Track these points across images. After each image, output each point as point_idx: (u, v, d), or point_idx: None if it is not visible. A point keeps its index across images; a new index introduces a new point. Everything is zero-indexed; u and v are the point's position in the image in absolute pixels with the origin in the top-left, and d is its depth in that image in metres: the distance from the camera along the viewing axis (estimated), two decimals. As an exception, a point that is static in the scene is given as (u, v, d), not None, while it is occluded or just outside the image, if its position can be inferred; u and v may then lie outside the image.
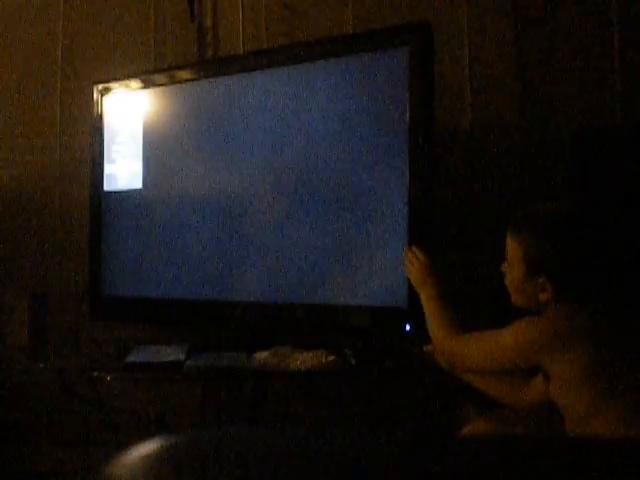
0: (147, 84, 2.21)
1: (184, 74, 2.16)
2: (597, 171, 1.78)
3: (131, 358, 2.00)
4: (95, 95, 2.30)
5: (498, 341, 1.35)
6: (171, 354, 1.99)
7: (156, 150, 2.19)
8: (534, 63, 2.09)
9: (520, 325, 1.33)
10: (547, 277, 1.32)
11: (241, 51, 2.37)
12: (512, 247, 1.39)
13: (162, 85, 2.19)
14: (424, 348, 1.63)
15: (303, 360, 1.82)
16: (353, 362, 1.82)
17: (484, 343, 1.39)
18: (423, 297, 1.58)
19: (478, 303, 1.65)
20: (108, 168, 2.27)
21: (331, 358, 1.82)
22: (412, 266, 1.63)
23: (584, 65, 2.04)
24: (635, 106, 2.00)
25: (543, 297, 1.34)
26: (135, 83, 2.23)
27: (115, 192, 2.25)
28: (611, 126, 2.00)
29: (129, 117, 2.23)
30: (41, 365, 2.20)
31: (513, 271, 1.40)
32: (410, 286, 1.65)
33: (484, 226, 2.02)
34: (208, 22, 2.44)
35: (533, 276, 1.34)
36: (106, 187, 2.27)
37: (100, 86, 2.29)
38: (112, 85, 2.27)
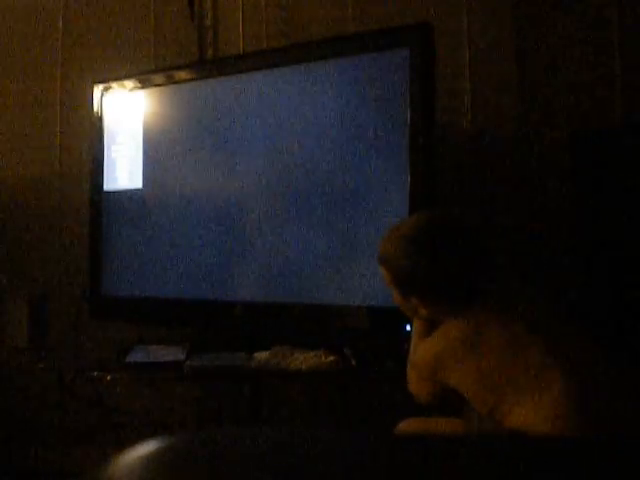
0: (147, 84, 2.21)
1: (184, 74, 2.16)
2: (597, 171, 1.78)
3: (131, 358, 2.00)
4: (95, 95, 2.30)
5: (422, 379, 1.38)
6: (171, 354, 1.99)
7: (156, 150, 2.19)
8: (534, 63, 2.09)
9: (420, 350, 1.37)
10: (417, 297, 1.37)
11: (241, 51, 2.37)
12: (383, 273, 1.43)
13: (162, 85, 2.19)
14: None
15: (303, 360, 1.82)
16: (353, 362, 1.82)
17: (413, 369, 1.41)
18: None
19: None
20: (108, 168, 2.27)
21: (331, 358, 1.82)
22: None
23: (584, 65, 2.04)
24: (635, 106, 2.00)
25: (422, 312, 1.39)
26: (135, 83, 2.23)
27: (115, 192, 2.25)
28: (611, 126, 2.00)
29: (129, 117, 2.23)
30: (41, 365, 2.20)
31: (393, 292, 1.44)
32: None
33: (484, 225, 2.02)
34: (208, 22, 2.44)
35: (406, 297, 1.39)
36: (106, 187, 2.26)
37: (100, 86, 2.29)
38: (112, 85, 2.27)
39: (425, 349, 1.35)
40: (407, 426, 1.49)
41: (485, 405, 1.25)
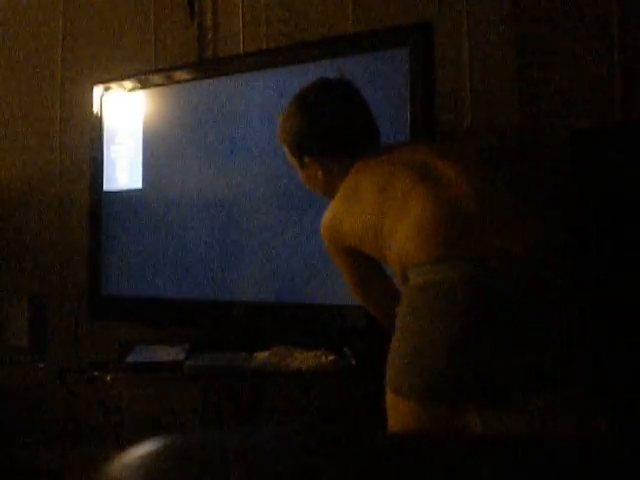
0: (147, 84, 2.21)
1: (184, 74, 2.16)
2: (597, 171, 1.78)
3: (131, 358, 2.00)
4: (95, 95, 2.30)
5: (334, 258, 1.44)
6: (171, 354, 1.99)
7: (156, 150, 2.19)
8: (533, 63, 2.09)
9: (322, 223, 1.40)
10: (308, 157, 1.44)
11: (241, 51, 2.37)
12: (286, 154, 1.50)
13: (162, 85, 2.19)
14: None
15: (303, 360, 1.82)
16: (353, 362, 1.82)
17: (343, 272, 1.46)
18: None
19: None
20: (108, 168, 2.27)
21: (331, 358, 1.82)
22: None
23: (584, 65, 2.04)
24: (635, 106, 2.00)
25: (320, 175, 1.45)
26: (135, 83, 2.23)
27: (115, 192, 2.25)
28: (611, 126, 2.00)
29: (129, 117, 2.23)
30: (41, 365, 2.20)
31: (299, 172, 1.50)
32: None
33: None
34: (208, 22, 2.44)
35: (303, 163, 1.46)
36: (106, 187, 2.26)
37: (100, 86, 2.29)
38: (112, 85, 2.27)
39: (325, 218, 1.38)
40: None
41: (378, 252, 1.28)
